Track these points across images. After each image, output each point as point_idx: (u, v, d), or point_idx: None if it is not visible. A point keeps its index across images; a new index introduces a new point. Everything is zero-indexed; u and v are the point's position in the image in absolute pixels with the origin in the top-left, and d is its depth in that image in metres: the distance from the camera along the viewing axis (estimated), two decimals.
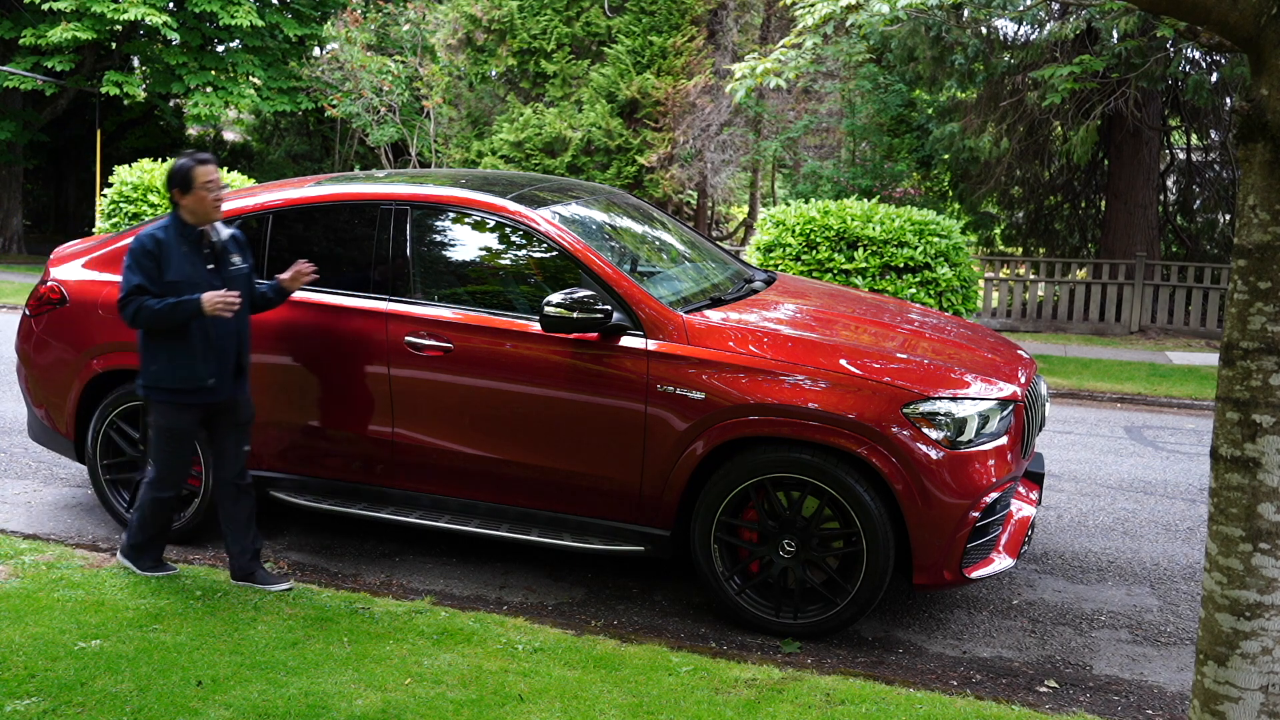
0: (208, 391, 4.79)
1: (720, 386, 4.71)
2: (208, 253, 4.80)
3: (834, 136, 19.78)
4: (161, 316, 4.65)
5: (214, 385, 4.79)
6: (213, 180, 4.73)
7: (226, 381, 4.84)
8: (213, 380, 4.78)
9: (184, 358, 4.73)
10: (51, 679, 3.93)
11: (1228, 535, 2.92)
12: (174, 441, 4.85)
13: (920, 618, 5.10)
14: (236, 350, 4.87)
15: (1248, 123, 2.85)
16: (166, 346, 4.74)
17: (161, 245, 4.71)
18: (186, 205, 4.74)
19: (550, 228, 5.14)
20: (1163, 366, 12.54)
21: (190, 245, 4.76)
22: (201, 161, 4.73)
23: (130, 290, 4.68)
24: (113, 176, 13.98)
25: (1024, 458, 5.03)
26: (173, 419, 4.81)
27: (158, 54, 21.83)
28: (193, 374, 4.74)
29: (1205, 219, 18.32)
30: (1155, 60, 13.27)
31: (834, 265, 10.14)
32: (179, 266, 4.70)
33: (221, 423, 4.92)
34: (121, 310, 4.72)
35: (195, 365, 4.74)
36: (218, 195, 4.76)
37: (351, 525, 5.99)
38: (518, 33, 17.42)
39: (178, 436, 4.84)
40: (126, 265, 4.72)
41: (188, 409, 4.80)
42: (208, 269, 4.78)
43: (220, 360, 4.79)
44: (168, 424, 4.83)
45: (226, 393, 4.86)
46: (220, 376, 4.81)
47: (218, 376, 4.79)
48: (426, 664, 4.17)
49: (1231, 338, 2.91)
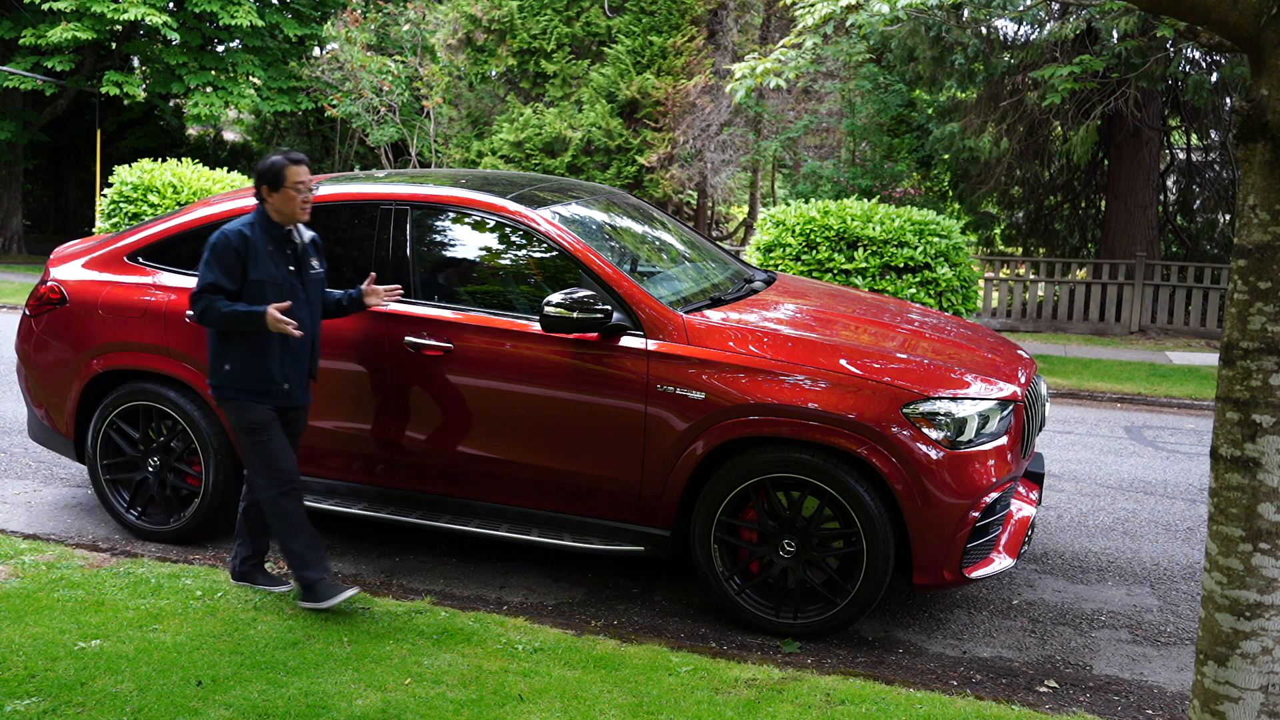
0: (282, 395, 4.67)
1: (720, 386, 4.71)
2: (290, 254, 4.69)
3: (834, 136, 19.78)
4: (227, 321, 4.53)
5: (289, 390, 4.68)
6: (303, 181, 4.60)
7: (299, 387, 4.74)
8: (288, 385, 4.67)
9: (259, 359, 4.60)
10: (51, 679, 3.93)
11: (1228, 535, 2.92)
12: (260, 432, 4.65)
13: (920, 618, 5.10)
14: (309, 354, 4.77)
15: (1248, 123, 2.85)
16: (241, 347, 4.60)
17: (249, 243, 4.57)
18: (274, 203, 4.60)
19: (550, 228, 5.14)
20: (1163, 366, 12.54)
21: (276, 245, 4.64)
22: (295, 161, 4.60)
23: (205, 287, 4.55)
24: (113, 176, 13.97)
25: (1024, 458, 5.03)
26: (249, 414, 4.65)
27: (158, 54, 21.84)
28: (268, 376, 4.62)
29: (1205, 219, 18.32)
30: (1155, 60, 13.27)
31: (834, 265, 10.14)
32: (265, 266, 4.58)
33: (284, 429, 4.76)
34: (192, 305, 4.61)
35: (271, 367, 4.61)
36: (306, 197, 4.63)
37: (351, 525, 5.99)
38: (518, 33, 17.42)
39: (261, 427, 4.65)
40: (205, 260, 4.57)
41: (263, 404, 4.65)
42: (289, 270, 4.67)
43: (295, 364, 4.68)
44: (247, 420, 4.65)
45: (299, 398, 4.75)
46: (295, 381, 4.70)
47: (292, 381, 4.68)
48: (426, 664, 4.17)
49: (1231, 338, 2.91)
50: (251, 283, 4.56)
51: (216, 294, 4.53)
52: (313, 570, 4.65)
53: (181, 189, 13.67)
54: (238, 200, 5.75)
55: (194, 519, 5.60)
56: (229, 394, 4.66)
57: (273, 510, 4.68)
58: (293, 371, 4.67)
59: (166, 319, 5.54)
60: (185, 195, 13.58)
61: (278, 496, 4.66)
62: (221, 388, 4.68)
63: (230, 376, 4.63)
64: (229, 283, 4.55)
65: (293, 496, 4.68)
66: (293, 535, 4.67)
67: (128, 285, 5.69)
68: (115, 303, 5.67)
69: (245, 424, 4.66)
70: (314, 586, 4.62)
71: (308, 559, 4.66)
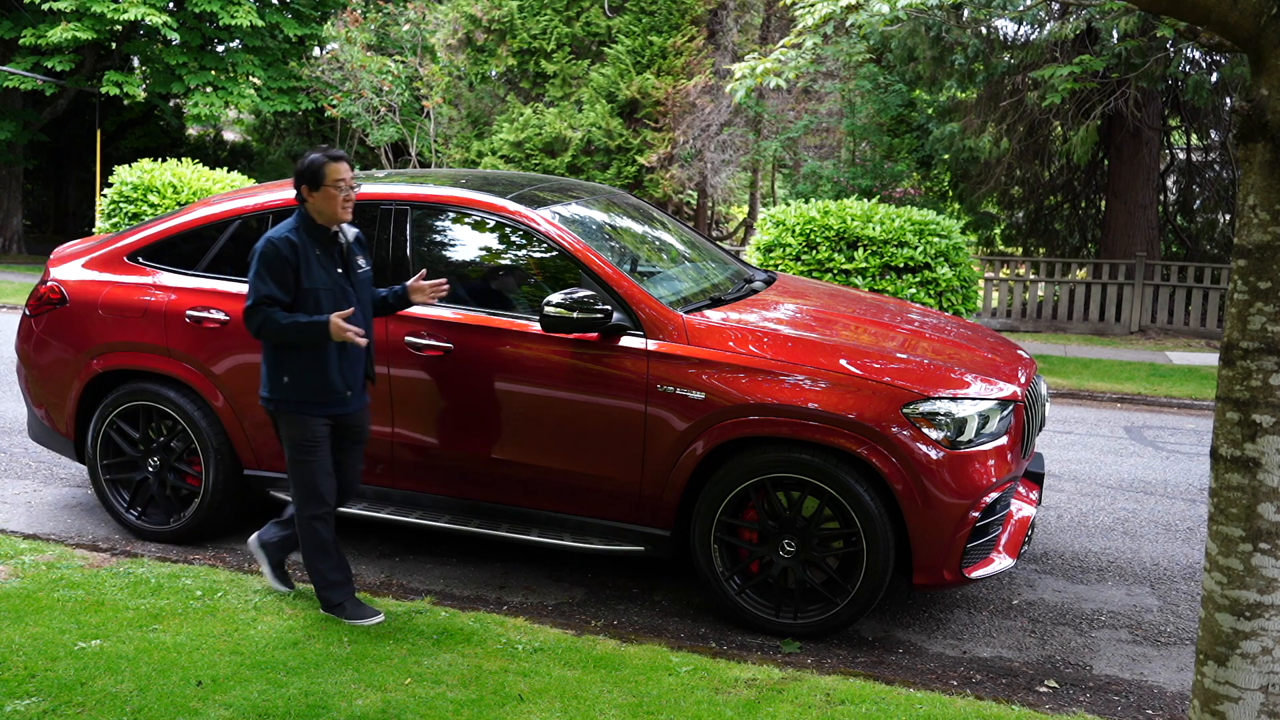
0: (342, 403, 4.53)
1: (720, 386, 4.71)
2: (337, 255, 4.54)
3: (834, 136, 19.78)
4: (289, 334, 4.38)
5: (350, 397, 4.54)
6: (343, 179, 4.43)
7: (358, 393, 4.61)
8: (349, 392, 4.53)
9: (318, 368, 4.43)
10: (51, 679, 3.93)
11: (1228, 535, 2.92)
12: (309, 450, 4.51)
13: (920, 618, 5.10)
14: (366, 357, 4.65)
15: (1248, 123, 2.85)
16: (298, 357, 4.44)
17: (298, 250, 4.40)
18: (314, 203, 4.45)
19: (550, 228, 5.14)
20: (1163, 366, 12.54)
21: (323, 248, 4.48)
22: (334, 158, 4.43)
23: (259, 300, 4.37)
24: (113, 176, 13.98)
25: (1024, 458, 5.03)
26: (304, 430, 4.50)
27: (158, 54, 21.84)
28: (328, 385, 4.46)
29: (1205, 219, 18.32)
30: (1155, 60, 13.28)
31: (834, 265, 10.14)
32: (316, 273, 4.42)
33: (345, 436, 4.64)
34: (247, 320, 4.42)
35: (330, 376, 4.45)
36: (348, 195, 4.46)
37: (351, 525, 5.99)
38: (518, 33, 17.42)
39: (311, 447, 4.51)
40: (254, 271, 4.39)
41: (318, 419, 4.51)
42: (339, 273, 4.52)
43: (354, 369, 4.55)
44: (299, 436, 4.50)
45: (357, 404, 4.62)
46: (355, 387, 4.57)
47: (353, 388, 4.55)
48: (426, 664, 4.17)
49: (1231, 338, 2.91)
50: (305, 291, 4.40)
51: (273, 305, 4.37)
52: (337, 592, 4.60)
53: (181, 189, 13.67)
54: (238, 200, 5.76)
55: (194, 519, 5.60)
56: (287, 406, 4.49)
57: (304, 530, 4.60)
58: (352, 377, 4.55)
59: (166, 319, 5.54)
60: (185, 195, 13.58)
61: (311, 519, 4.57)
62: (279, 400, 4.50)
63: (289, 389, 4.47)
64: (283, 293, 4.38)
65: (326, 521, 4.60)
66: (321, 557, 4.60)
67: (128, 285, 5.70)
68: (115, 303, 5.67)
69: (296, 440, 4.52)
70: (341, 607, 4.58)
71: (332, 580, 4.61)
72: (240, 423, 5.48)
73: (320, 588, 4.63)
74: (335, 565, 4.62)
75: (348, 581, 4.66)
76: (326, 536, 4.60)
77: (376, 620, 4.55)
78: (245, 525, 5.95)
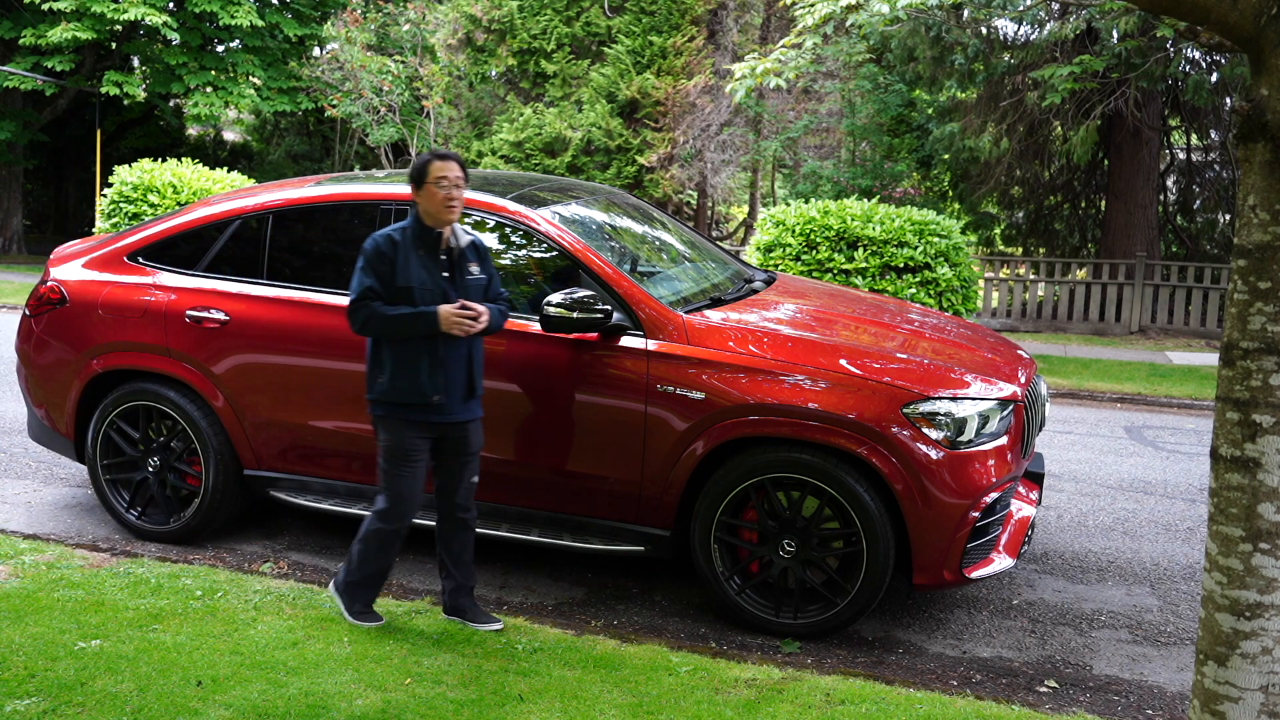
0: (434, 409, 4.39)
1: (720, 386, 4.71)
2: (444, 259, 4.43)
3: (834, 136, 19.78)
4: (393, 326, 4.31)
5: (440, 402, 4.39)
6: (445, 177, 4.31)
7: (455, 401, 4.44)
8: (438, 397, 4.37)
9: (408, 369, 4.35)
10: (51, 679, 3.93)
11: (1228, 535, 2.92)
12: (400, 462, 4.42)
13: (920, 618, 5.10)
14: (468, 368, 4.46)
15: (1248, 123, 2.85)
16: (392, 356, 4.37)
17: (396, 246, 4.35)
18: (420, 202, 4.38)
19: (550, 228, 5.14)
20: (1163, 366, 12.54)
21: (427, 249, 4.39)
22: (441, 156, 4.36)
23: (362, 294, 4.32)
24: (113, 176, 13.98)
25: (1024, 458, 5.03)
26: (398, 436, 4.41)
27: (158, 54, 21.84)
28: (417, 388, 4.35)
29: (1205, 219, 18.33)
30: (1155, 60, 13.28)
31: (834, 265, 10.14)
32: (413, 271, 4.34)
33: (449, 448, 4.51)
34: (351, 316, 4.37)
35: (420, 378, 4.34)
36: (449, 194, 4.33)
37: (351, 525, 5.98)
38: (518, 33, 17.42)
39: (404, 456, 4.42)
40: (359, 267, 4.36)
41: (414, 426, 4.40)
42: (443, 276, 4.40)
43: (448, 376, 4.39)
44: (393, 442, 4.43)
45: (456, 413, 4.46)
46: (449, 394, 4.40)
47: (445, 393, 4.39)
48: (426, 664, 4.17)
49: (1231, 338, 2.91)
50: (399, 289, 4.33)
51: (376, 299, 4.33)
52: (361, 590, 4.58)
53: (181, 189, 13.67)
54: (238, 200, 5.76)
55: (194, 519, 5.60)
56: (382, 409, 4.43)
57: (370, 534, 4.51)
58: (445, 384, 4.38)
59: (166, 319, 5.54)
60: (185, 195, 13.58)
61: (382, 528, 4.49)
62: (376, 402, 4.44)
63: (384, 390, 4.40)
64: (383, 289, 4.35)
65: (395, 538, 4.52)
66: (368, 563, 4.54)
67: (128, 285, 5.70)
68: (115, 303, 5.67)
69: (390, 448, 4.45)
70: (354, 602, 4.58)
71: (366, 581, 4.57)
72: (240, 423, 5.48)
73: (346, 575, 4.59)
74: (370, 578, 4.57)
75: (376, 591, 4.62)
76: (384, 552, 4.53)
77: (377, 624, 4.54)
78: (245, 525, 5.96)
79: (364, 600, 4.58)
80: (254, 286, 5.49)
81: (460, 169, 4.40)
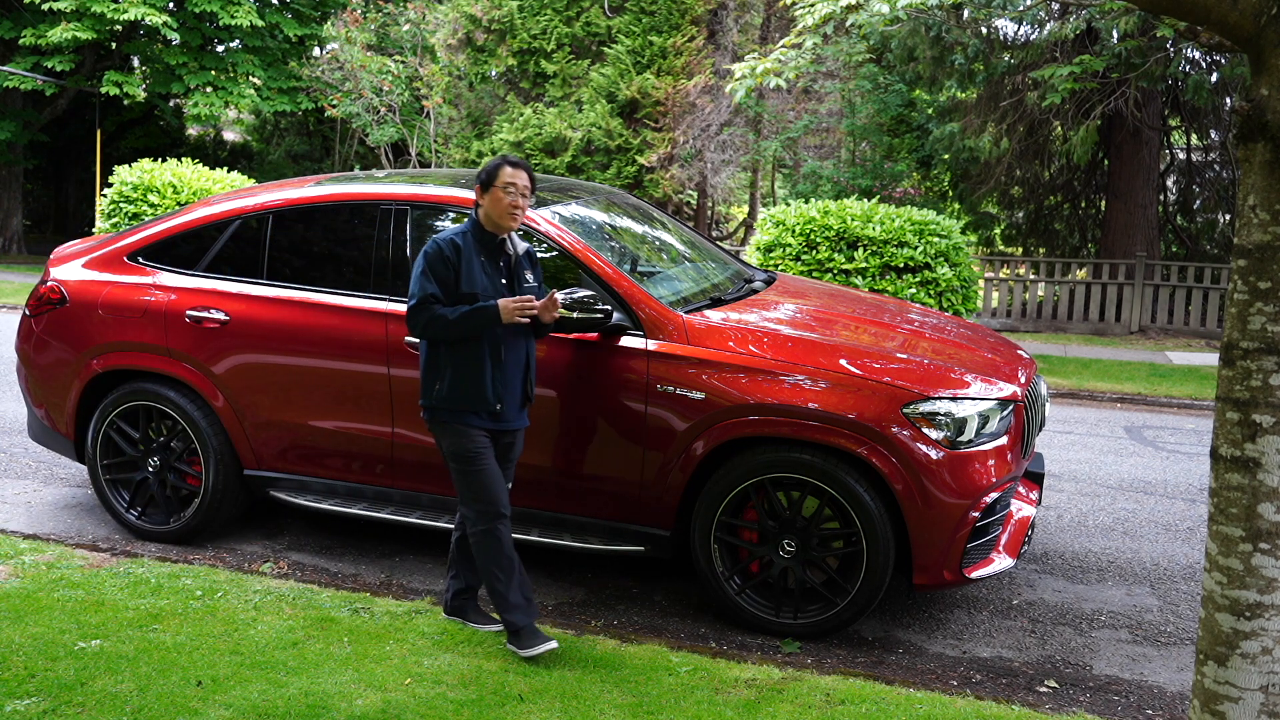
0: (494, 417, 4.34)
1: (720, 386, 4.71)
2: (503, 265, 4.39)
3: (834, 136, 19.79)
4: (456, 327, 4.22)
5: (502, 411, 4.34)
6: (514, 184, 4.26)
7: (513, 408, 4.41)
8: (500, 405, 4.33)
9: (471, 376, 4.28)
10: (51, 679, 3.93)
11: (1228, 535, 2.92)
12: (470, 462, 4.32)
13: (920, 618, 5.10)
14: (524, 375, 4.44)
15: (1248, 123, 2.85)
16: (452, 362, 4.29)
17: (461, 252, 4.27)
18: (484, 206, 4.31)
19: (550, 228, 5.14)
20: (1163, 366, 12.54)
21: (489, 255, 4.34)
22: (512, 163, 4.30)
23: (424, 299, 4.23)
24: (113, 176, 13.98)
25: (1024, 458, 5.03)
26: (461, 442, 4.33)
27: (158, 54, 21.84)
28: (480, 395, 4.29)
29: (1205, 219, 18.33)
30: (1155, 60, 13.28)
31: (834, 265, 10.14)
32: (477, 278, 4.27)
33: (496, 454, 4.43)
34: (411, 321, 4.28)
35: (483, 386, 4.28)
36: (515, 201, 4.27)
37: (351, 525, 5.99)
38: (518, 33, 17.42)
39: (473, 456, 4.32)
40: (419, 271, 4.27)
41: (473, 429, 4.32)
42: (502, 283, 4.36)
43: (508, 384, 4.35)
44: (457, 445, 4.33)
45: (511, 421, 4.41)
46: (508, 402, 4.36)
47: (505, 402, 4.35)
48: (426, 664, 4.17)
49: (1231, 338, 2.91)
50: (463, 295, 4.26)
51: (437, 303, 4.24)
52: (518, 615, 4.32)
53: (181, 189, 13.67)
54: (238, 200, 5.76)
55: (194, 519, 5.60)
56: (441, 416, 4.34)
57: (479, 545, 4.37)
58: (505, 391, 4.34)
59: (166, 319, 5.55)
60: (185, 195, 13.59)
61: (486, 531, 4.34)
62: (434, 409, 4.35)
63: (441, 397, 4.31)
64: (445, 294, 4.27)
65: (502, 529, 4.35)
66: (497, 574, 4.34)
67: (128, 285, 5.70)
68: (115, 303, 5.68)
69: (456, 452, 4.35)
70: (519, 632, 4.31)
71: (513, 601, 4.33)
72: (240, 423, 5.48)
73: (502, 611, 4.34)
74: (517, 584, 4.36)
75: (529, 604, 4.36)
76: (508, 548, 4.36)
77: (550, 647, 4.28)
78: (245, 525, 5.96)
79: (529, 628, 4.31)
80: (254, 286, 5.50)
81: (530, 180, 4.35)
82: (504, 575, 4.33)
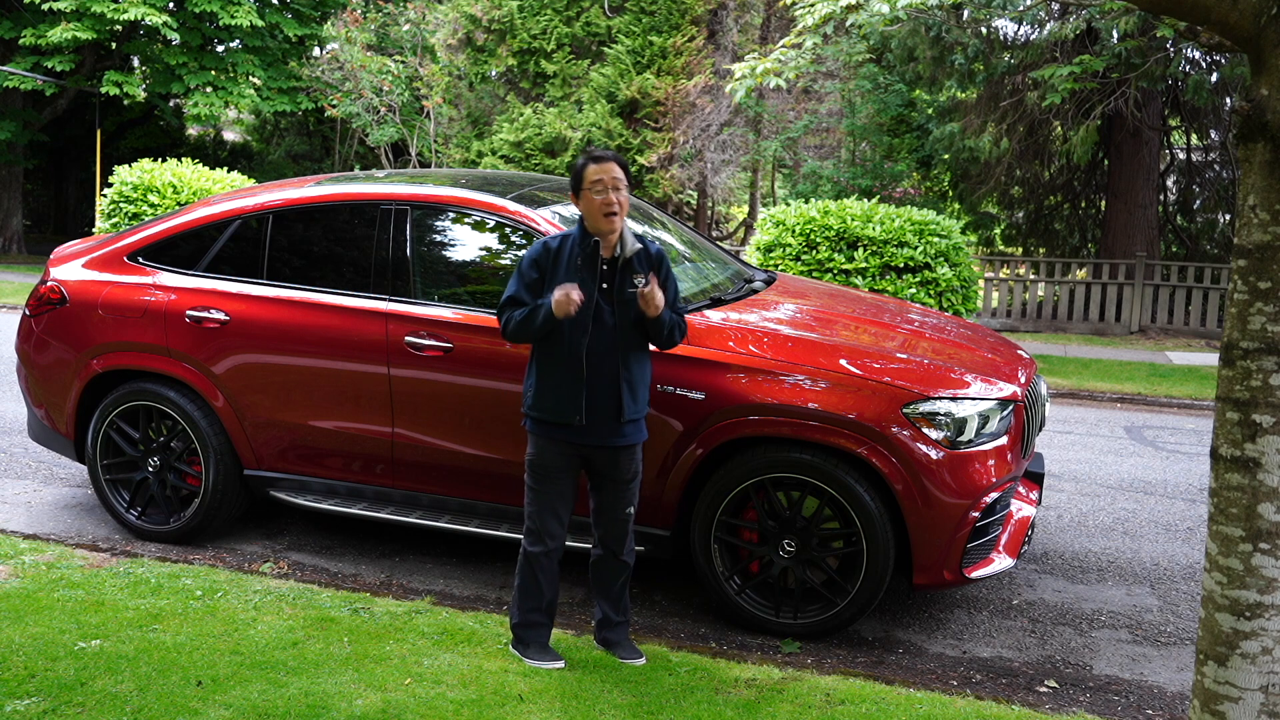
0: (575, 430, 4.10)
1: (720, 386, 4.71)
2: (605, 269, 4.09)
3: (834, 136, 19.80)
4: (524, 329, 4.06)
5: (582, 423, 4.08)
6: (601, 180, 3.98)
7: (602, 423, 4.09)
8: (579, 417, 4.07)
9: (551, 386, 4.10)
10: (51, 679, 3.93)
11: (1228, 535, 2.92)
12: (539, 478, 4.18)
13: (920, 618, 5.10)
14: (617, 388, 4.09)
15: (1248, 123, 2.85)
16: (537, 368, 4.16)
17: (551, 254, 4.09)
18: (581, 210, 4.10)
19: (550, 228, 5.14)
20: (1163, 366, 12.54)
21: (586, 258, 4.07)
22: (595, 159, 4.03)
23: (503, 301, 4.14)
24: (113, 176, 13.99)
25: (1024, 458, 5.03)
26: (540, 451, 4.17)
27: (158, 54, 21.85)
28: (558, 406, 4.09)
29: (1205, 219, 18.34)
30: (1155, 60, 13.28)
31: (834, 265, 10.14)
32: (563, 280, 4.03)
33: (599, 472, 4.21)
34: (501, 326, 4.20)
35: (561, 395, 4.07)
36: (607, 198, 3.98)
37: (351, 525, 5.99)
38: (518, 33, 17.43)
39: (543, 473, 4.17)
40: (515, 273, 4.18)
41: (557, 443, 4.13)
42: (601, 287, 4.06)
43: (592, 394, 4.06)
44: (535, 457, 4.19)
45: (602, 437, 4.12)
46: (593, 415, 4.07)
47: (587, 414, 4.07)
48: (426, 664, 4.17)
49: (1231, 338, 2.91)
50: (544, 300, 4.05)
51: (514, 307, 4.10)
52: (530, 631, 4.28)
53: (181, 189, 13.68)
54: (238, 200, 5.76)
55: (194, 519, 5.60)
56: (529, 423, 4.20)
57: (520, 561, 4.28)
58: (591, 404, 4.07)
59: (166, 319, 5.54)
60: (185, 195, 13.59)
61: (527, 554, 4.23)
62: (525, 415, 4.22)
63: (529, 403, 4.18)
64: (528, 296, 4.09)
65: (542, 560, 4.21)
66: (527, 595, 4.26)
67: (128, 285, 5.70)
68: (115, 303, 5.68)
69: (532, 463, 4.21)
70: (526, 646, 4.27)
71: (531, 620, 4.27)
72: (240, 423, 5.48)
73: (514, 623, 4.31)
74: (541, 607, 4.27)
75: (546, 625, 4.31)
76: (540, 578, 4.23)
77: (556, 665, 4.21)
78: (245, 525, 5.96)
79: (534, 643, 4.28)
80: (254, 286, 5.50)
81: (620, 168, 4.05)
82: (530, 595, 4.27)
